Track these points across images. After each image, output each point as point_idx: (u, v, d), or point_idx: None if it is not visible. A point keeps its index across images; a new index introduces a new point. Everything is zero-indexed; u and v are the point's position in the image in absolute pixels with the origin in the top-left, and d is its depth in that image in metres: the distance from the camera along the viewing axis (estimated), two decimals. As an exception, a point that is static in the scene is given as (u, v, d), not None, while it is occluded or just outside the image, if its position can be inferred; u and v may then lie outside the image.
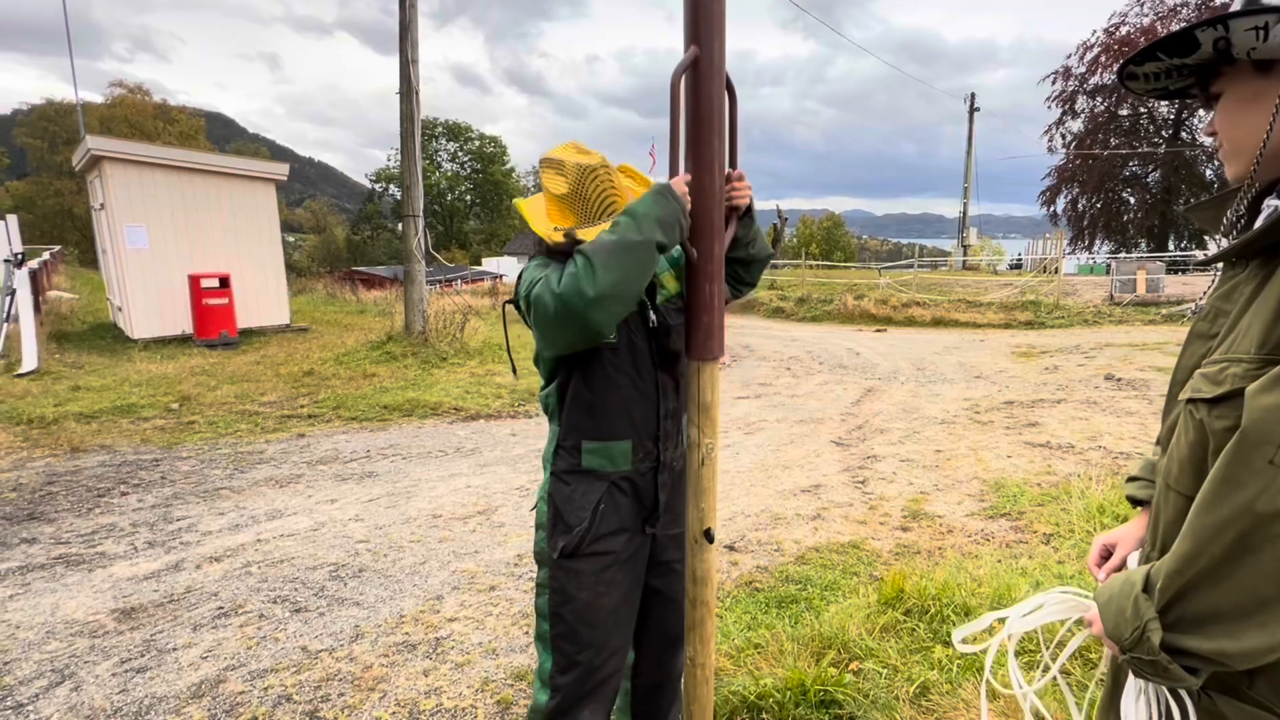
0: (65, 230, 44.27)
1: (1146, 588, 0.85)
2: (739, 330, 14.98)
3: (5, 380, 8.09)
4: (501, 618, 3.19)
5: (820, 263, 31.05)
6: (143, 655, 2.94)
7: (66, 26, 25.95)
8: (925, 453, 5.73)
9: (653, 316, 1.86)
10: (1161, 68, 0.95)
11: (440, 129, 58.99)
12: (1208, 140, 0.98)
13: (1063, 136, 32.82)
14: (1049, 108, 32.63)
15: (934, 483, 4.97)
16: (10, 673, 2.84)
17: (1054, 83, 32.31)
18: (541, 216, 1.79)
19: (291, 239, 63.38)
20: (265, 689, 2.70)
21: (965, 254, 32.26)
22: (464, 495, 4.79)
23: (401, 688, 2.70)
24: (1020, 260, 33.19)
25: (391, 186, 54.70)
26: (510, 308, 1.85)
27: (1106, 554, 1.25)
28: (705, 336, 1.70)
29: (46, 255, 20.17)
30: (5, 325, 9.30)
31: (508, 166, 60.50)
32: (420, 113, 9.69)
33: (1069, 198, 33.14)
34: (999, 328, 14.67)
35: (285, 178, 12.28)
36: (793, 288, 20.13)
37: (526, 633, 3.06)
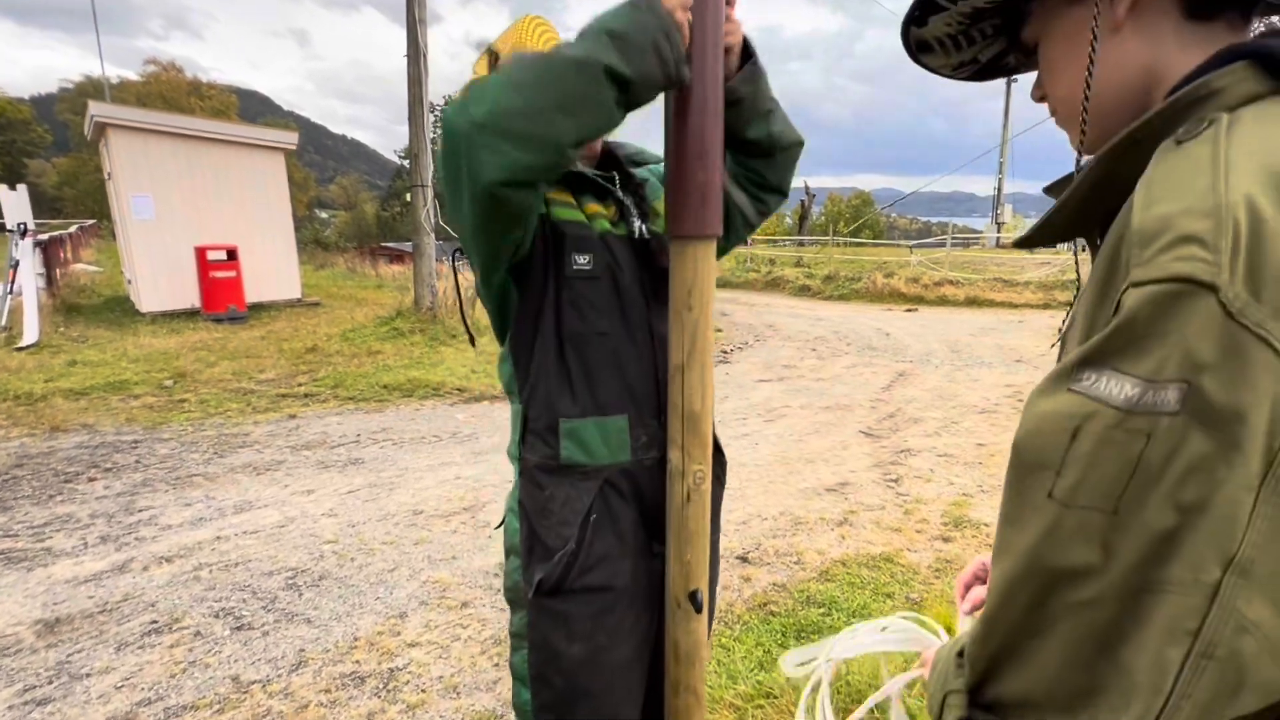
0: (104, 205, 44.72)
1: (963, 651, 0.62)
2: (762, 309, 14.32)
3: (3, 354, 7.79)
4: (469, 644, 2.69)
5: (848, 240, 30.06)
6: (51, 682, 2.50)
7: (93, 3, 25.77)
8: (966, 446, 5.12)
9: (638, 225, 1.32)
10: (953, 23, 0.72)
11: (468, 105, 58.53)
12: (1042, 105, 0.73)
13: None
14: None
15: (977, 483, 4.37)
16: (-102, 700, 2.41)
17: (1096, 54, 30.82)
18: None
19: (324, 215, 63.64)
20: (178, 733, 2.23)
21: (1000, 231, 31.07)
22: (451, 488, 4.30)
23: (338, 736, 2.22)
24: (1056, 238, 31.87)
25: (419, 162, 54.56)
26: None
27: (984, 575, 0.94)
28: (698, 201, 1.13)
29: (74, 228, 20.08)
30: (9, 298, 9.01)
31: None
32: (428, 77, 9.13)
33: (1107, 174, 31.72)
34: (1038, 308, 13.83)
35: (294, 146, 11.84)
36: (819, 265, 19.35)
37: (497, 665, 2.56)
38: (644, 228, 1.32)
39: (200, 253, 10.14)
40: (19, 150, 49.76)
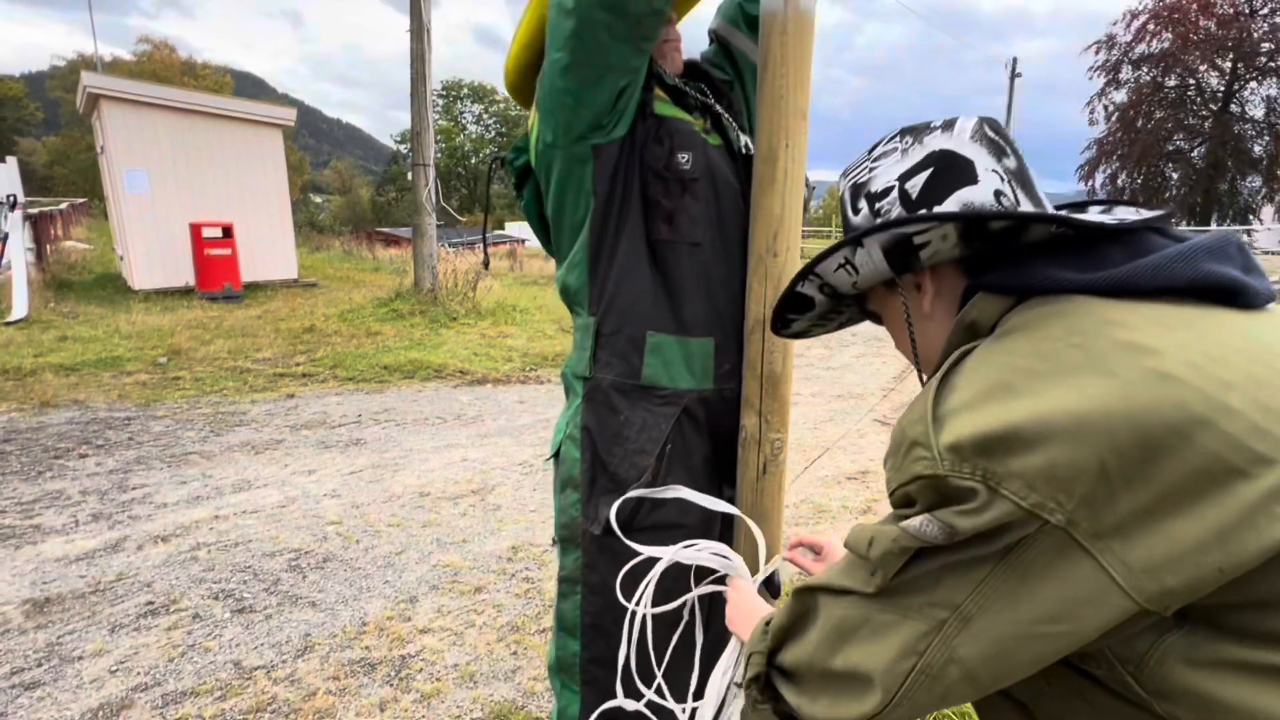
0: (95, 183, 44.16)
1: (769, 622, 0.83)
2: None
3: (-7, 328, 7.58)
4: (485, 630, 2.55)
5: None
6: (41, 664, 2.34)
7: (88, -26, 25.28)
8: (982, 436, 5.01)
9: (738, 137, 1.24)
10: (813, 320, 0.96)
11: (466, 91, 58.01)
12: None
13: (1105, 108, 31.23)
14: (1090, 78, 31.01)
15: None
16: (-125, 682, 2.26)
17: (1097, 52, 30.64)
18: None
19: (319, 199, 63.12)
20: (177, 721, 2.08)
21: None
22: (458, 470, 4.15)
23: (349, 726, 2.07)
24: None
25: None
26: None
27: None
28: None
29: (64, 205, 19.74)
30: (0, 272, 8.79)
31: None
32: (431, 53, 8.92)
33: (1108, 172, 31.63)
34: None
35: (292, 123, 11.60)
36: None
37: (515, 654, 2.41)
38: (746, 141, 1.23)
39: (195, 229, 9.92)
40: (9, 128, 49.08)
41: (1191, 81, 29.56)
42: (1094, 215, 0.73)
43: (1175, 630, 0.58)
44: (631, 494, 1.14)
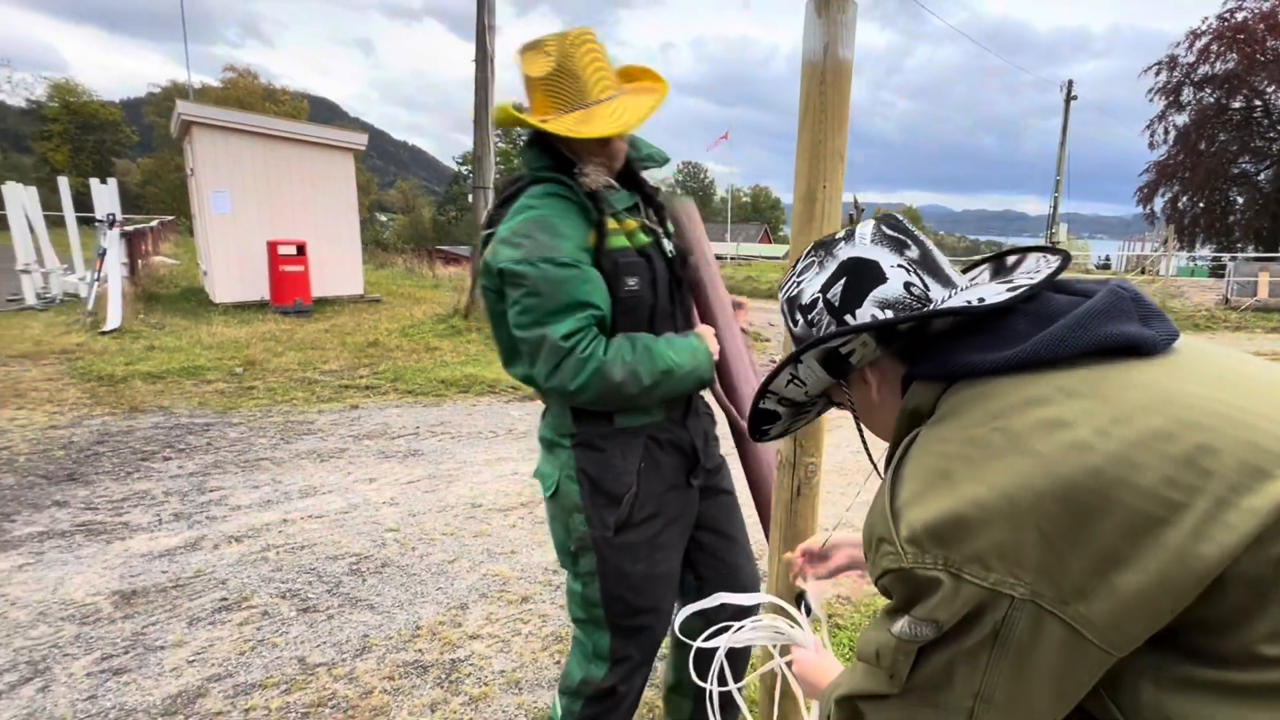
0: (183, 202, 46.40)
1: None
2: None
3: (89, 337, 8.06)
4: (530, 639, 2.62)
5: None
6: (127, 652, 2.51)
7: (183, 14, 26.78)
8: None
9: (668, 245, 1.59)
10: (787, 421, 1.04)
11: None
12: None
13: (1165, 131, 30.13)
14: (1151, 100, 29.97)
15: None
16: (-15, 661, 2.45)
17: (1157, 74, 29.63)
18: (521, 117, 1.46)
19: (384, 218, 64.97)
20: (247, 711, 2.21)
21: (1052, 251, 30.11)
22: (509, 483, 4.26)
23: (402, 724, 2.17)
24: (1108, 260, 30.85)
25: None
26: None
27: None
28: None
29: (155, 222, 20.81)
30: (96, 284, 9.34)
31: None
32: (494, 81, 9.20)
33: (1168, 196, 30.45)
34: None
35: (363, 148, 12.04)
36: None
37: (558, 662, 2.48)
38: (670, 246, 1.58)
39: (272, 247, 10.38)
40: (108, 150, 52.02)
41: (1258, 103, 28.35)
42: (994, 288, 0.81)
43: (1145, 654, 0.63)
44: (685, 611, 1.36)
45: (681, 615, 1.36)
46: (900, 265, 0.83)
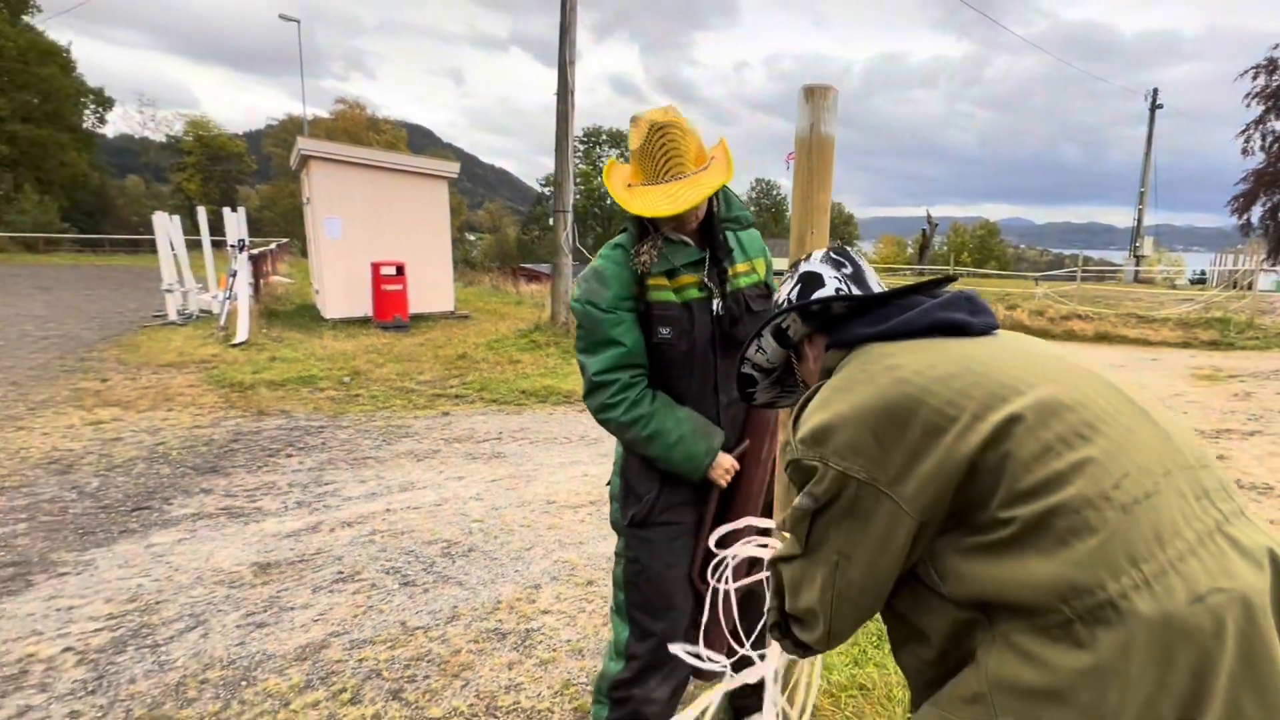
0: (296, 226, 49.54)
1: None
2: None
3: (222, 349, 8.95)
4: (593, 615, 2.96)
5: (969, 270, 28.64)
6: (266, 611, 2.98)
7: (300, 55, 28.82)
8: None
9: (717, 305, 1.73)
10: (766, 387, 1.35)
11: (604, 136, 60.45)
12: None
13: (1263, 137, 28.16)
14: (1247, 105, 28.11)
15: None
16: (158, 612, 2.96)
17: (1255, 78, 27.78)
18: (620, 176, 1.71)
19: (472, 238, 67.30)
20: (360, 661, 2.62)
21: (1138, 265, 28.59)
22: (580, 484, 4.62)
23: (484, 678, 2.53)
24: (1204, 274, 28.99)
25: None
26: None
27: None
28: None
29: (273, 245, 22.45)
30: (227, 302, 10.32)
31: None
32: (574, 113, 9.71)
33: (1268, 205, 28.42)
34: (1175, 346, 12.73)
35: (456, 175, 12.80)
36: None
37: (615, 635, 2.80)
38: (719, 305, 1.73)
39: (375, 268, 11.20)
40: (233, 178, 56.11)
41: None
42: (878, 288, 1.18)
43: (948, 532, 0.90)
44: (720, 530, 1.62)
45: (715, 535, 1.59)
46: (835, 277, 1.18)
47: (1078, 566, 0.79)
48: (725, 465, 1.76)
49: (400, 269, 11.34)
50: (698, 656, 1.49)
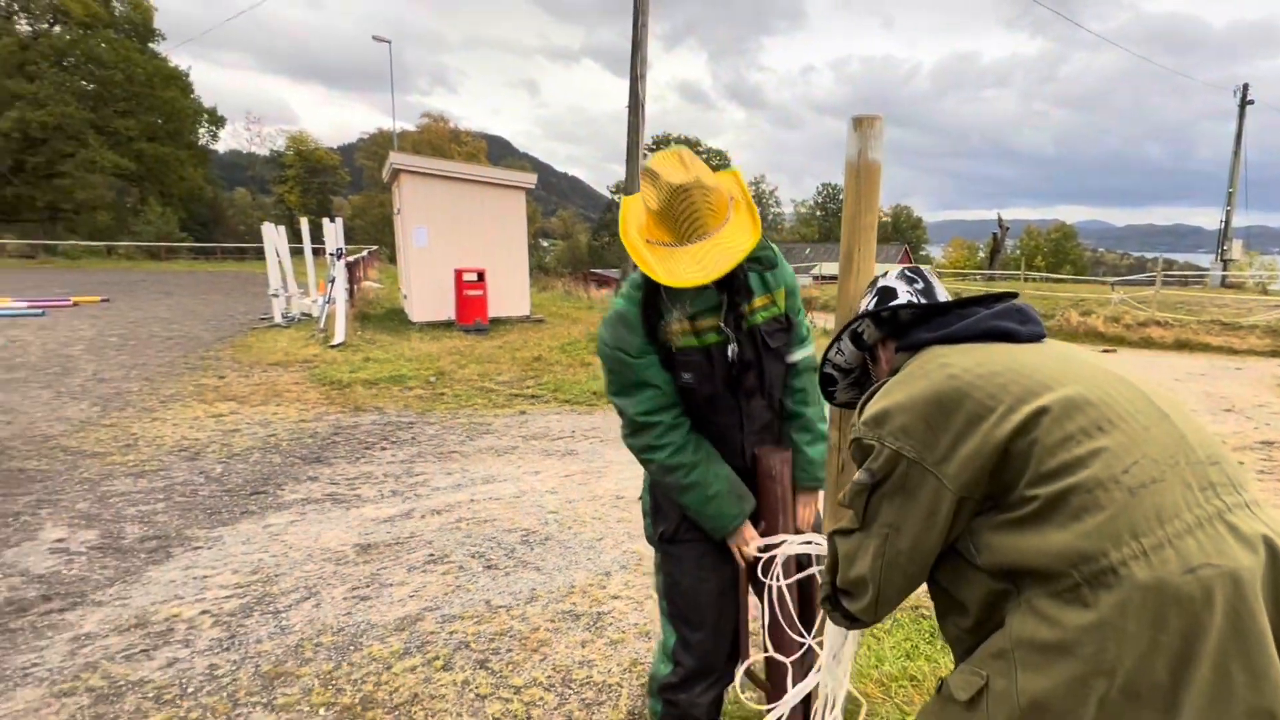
0: (384, 234, 51.68)
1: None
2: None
3: (322, 350, 9.55)
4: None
5: (1041, 275, 27.42)
6: (368, 586, 3.26)
7: (391, 73, 30.12)
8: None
9: (732, 350, 1.69)
10: (845, 387, 1.49)
11: (673, 143, 60.73)
12: None
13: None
14: (1353, 102, 25.90)
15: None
16: (277, 583, 3.29)
17: (1362, 74, 25.60)
18: (637, 224, 1.60)
19: (545, 244, 68.61)
20: (451, 633, 2.86)
21: (1225, 269, 26.78)
22: (647, 480, 4.79)
23: (560, 654, 2.72)
24: (1300, 279, 26.87)
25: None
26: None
27: None
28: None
29: (365, 253, 23.56)
30: (326, 306, 10.98)
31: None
32: (644, 125, 9.92)
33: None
34: (1263, 355, 11.95)
35: (533, 186, 13.20)
36: None
37: (679, 621, 2.95)
38: (734, 350, 1.70)
39: (458, 274, 11.69)
40: (328, 190, 59.03)
41: None
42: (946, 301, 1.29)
43: (984, 513, 1.01)
44: (756, 543, 1.73)
45: (753, 547, 1.70)
46: (908, 291, 1.33)
47: (1086, 537, 0.89)
48: (747, 535, 1.74)
49: (481, 275, 11.79)
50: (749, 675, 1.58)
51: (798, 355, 1.82)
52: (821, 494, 1.80)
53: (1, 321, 11.74)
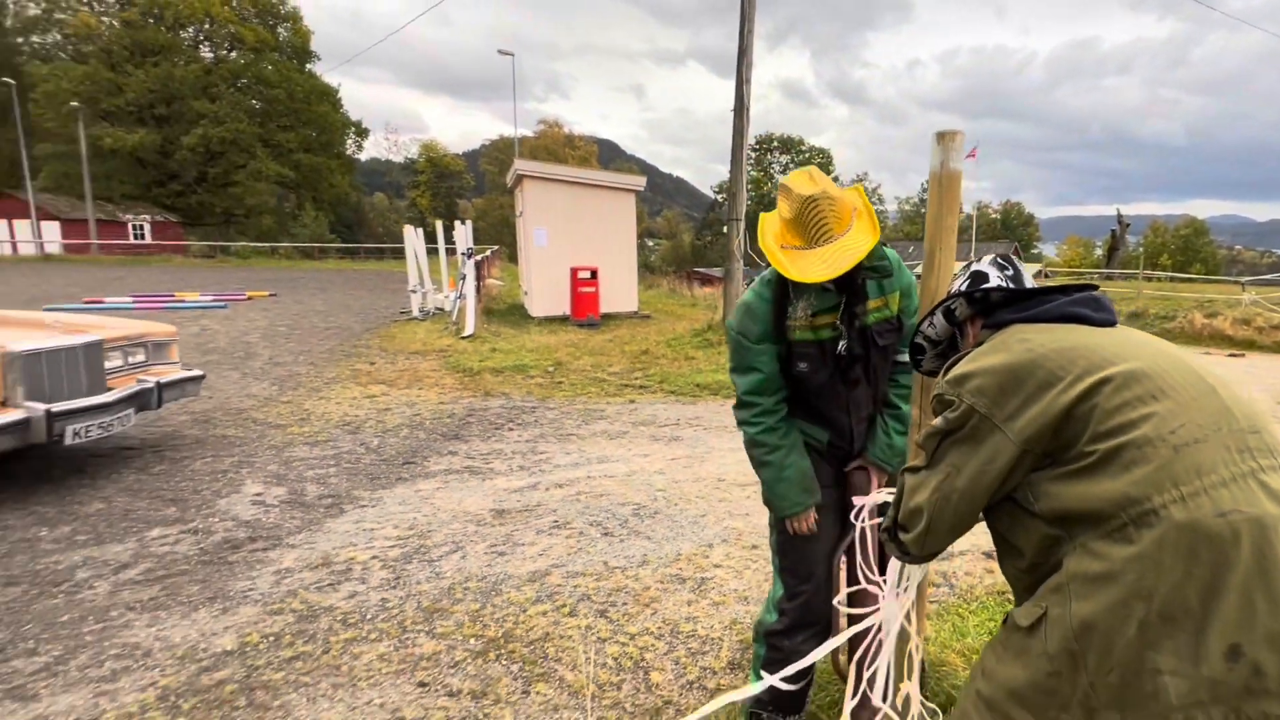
0: (504, 235, 54.02)
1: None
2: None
3: (454, 340, 10.32)
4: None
5: (1164, 274, 25.04)
6: (504, 544, 3.68)
7: (514, 84, 31.42)
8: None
9: (843, 345, 1.88)
10: (932, 358, 1.61)
11: (775, 143, 59.67)
12: None
13: None
14: None
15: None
16: (429, 538, 3.76)
17: None
18: (773, 233, 1.83)
19: (651, 244, 69.28)
20: (574, 586, 3.21)
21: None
22: (746, 467, 4.92)
23: (669, 610, 3.01)
24: None
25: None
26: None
27: None
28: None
29: (488, 252, 24.86)
30: (458, 301, 11.81)
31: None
32: (749, 127, 10.03)
33: None
34: None
35: (642, 188, 13.60)
36: (1125, 302, 16.59)
37: (774, 590, 3.17)
38: (844, 346, 1.88)
39: (573, 272, 12.25)
40: (454, 193, 62.40)
41: None
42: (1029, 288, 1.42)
43: (1043, 468, 1.13)
44: (873, 497, 1.90)
45: (871, 500, 1.84)
46: (998, 276, 1.46)
47: (1134, 485, 1.02)
48: (808, 522, 1.95)
49: (594, 273, 12.30)
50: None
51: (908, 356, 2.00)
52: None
53: (194, 312, 13.40)
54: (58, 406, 4.17)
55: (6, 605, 3.00)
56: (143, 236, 40.17)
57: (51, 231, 35.89)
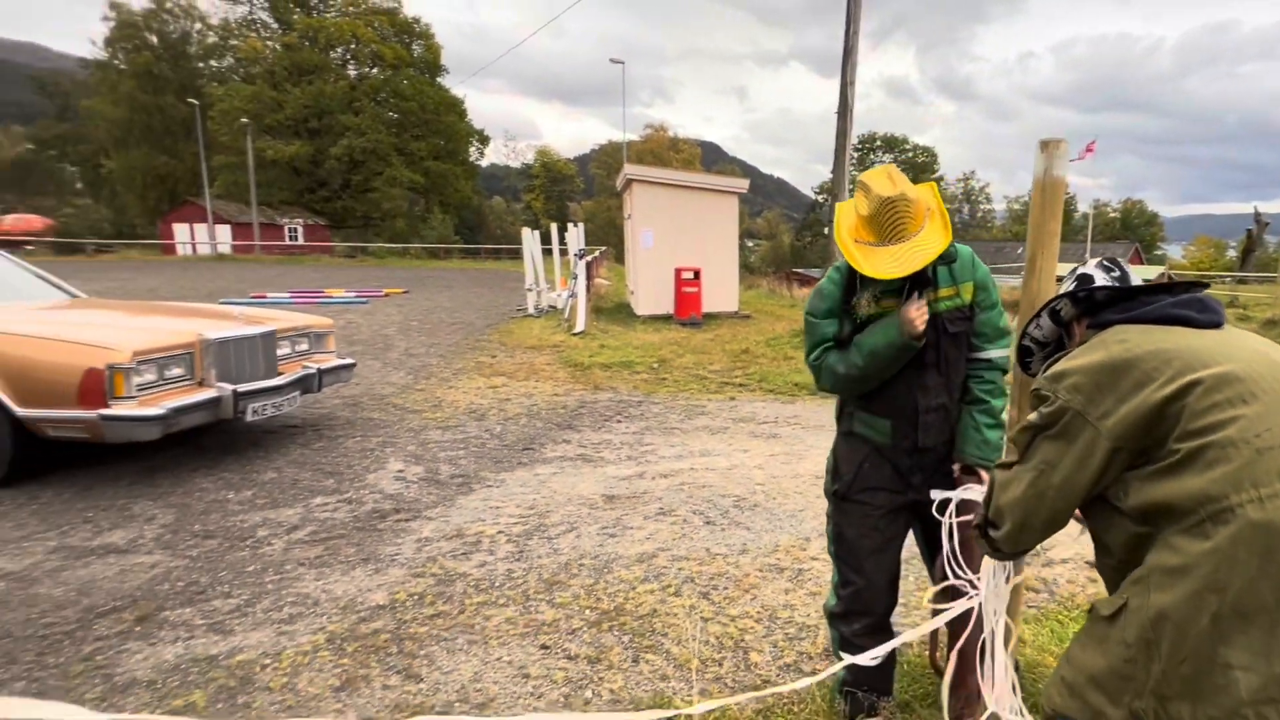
0: (610, 236, 55.13)
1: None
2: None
3: (566, 337, 10.77)
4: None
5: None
6: (614, 527, 3.89)
7: (624, 91, 31.99)
8: None
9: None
10: (1039, 360, 1.59)
11: (879, 142, 57.33)
12: None
13: None
14: None
15: None
16: (547, 517, 4.04)
17: None
18: (848, 226, 1.88)
19: (751, 244, 68.36)
20: (679, 569, 3.37)
21: None
22: (846, 466, 4.97)
23: (767, 596, 3.11)
24: None
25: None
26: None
27: None
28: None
29: (596, 253, 25.53)
30: (570, 300, 12.29)
31: (936, 175, 56.09)
32: (852, 128, 9.82)
33: None
34: None
35: (745, 190, 13.55)
36: (1262, 307, 14.65)
37: (871, 586, 3.19)
38: None
39: (677, 272, 12.43)
40: (565, 196, 64.29)
41: None
42: (1136, 286, 1.40)
43: (1136, 467, 1.16)
44: (959, 492, 1.86)
45: (957, 494, 1.80)
46: (1104, 278, 1.46)
47: (1214, 483, 1.04)
48: (912, 312, 1.81)
49: (697, 273, 12.42)
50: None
51: (994, 353, 1.99)
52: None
53: (338, 308, 14.69)
54: (242, 387, 4.80)
55: (206, 555, 3.53)
56: (296, 238, 44.19)
57: (224, 234, 40.13)
